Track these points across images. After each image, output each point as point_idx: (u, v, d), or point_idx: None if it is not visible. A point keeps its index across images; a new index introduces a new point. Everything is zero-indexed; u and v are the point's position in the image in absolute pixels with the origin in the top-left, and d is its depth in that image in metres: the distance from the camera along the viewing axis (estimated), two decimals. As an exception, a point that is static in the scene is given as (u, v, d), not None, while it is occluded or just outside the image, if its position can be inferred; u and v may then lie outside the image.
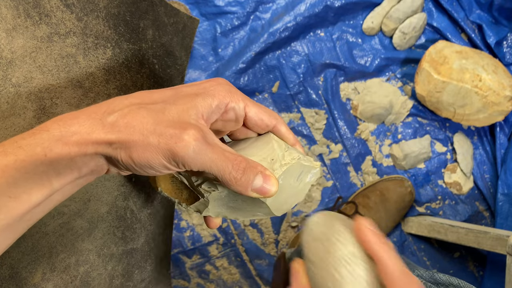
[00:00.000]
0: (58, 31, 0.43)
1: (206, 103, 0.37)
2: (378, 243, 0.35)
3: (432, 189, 1.09)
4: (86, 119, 0.33)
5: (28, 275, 0.44)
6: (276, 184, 0.38)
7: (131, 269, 0.58)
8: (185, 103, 0.36)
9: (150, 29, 0.53)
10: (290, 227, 1.10)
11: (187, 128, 0.33)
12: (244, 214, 0.44)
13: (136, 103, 0.35)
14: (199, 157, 0.34)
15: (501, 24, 1.01)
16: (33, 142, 0.31)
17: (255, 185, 0.37)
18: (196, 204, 0.43)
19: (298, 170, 0.42)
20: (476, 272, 1.13)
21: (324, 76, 1.03)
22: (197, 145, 0.33)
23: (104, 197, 0.52)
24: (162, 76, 0.56)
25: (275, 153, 0.41)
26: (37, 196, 0.31)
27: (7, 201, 0.30)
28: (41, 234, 0.45)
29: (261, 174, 0.37)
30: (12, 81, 0.40)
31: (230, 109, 0.39)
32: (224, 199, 0.42)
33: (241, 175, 0.36)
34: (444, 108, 0.96)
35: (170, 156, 0.33)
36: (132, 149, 0.33)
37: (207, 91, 0.38)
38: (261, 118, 0.41)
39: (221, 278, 1.12)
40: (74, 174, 0.33)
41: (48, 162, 0.31)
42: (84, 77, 0.46)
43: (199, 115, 0.36)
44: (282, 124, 0.43)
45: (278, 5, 0.99)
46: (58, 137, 0.31)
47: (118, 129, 0.33)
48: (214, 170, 0.35)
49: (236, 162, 0.35)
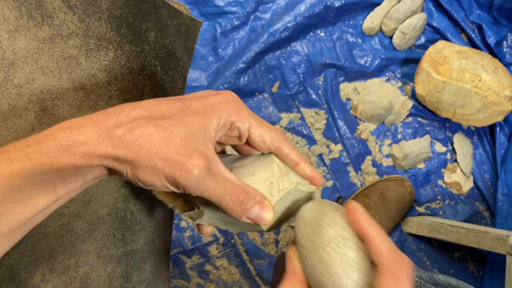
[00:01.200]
0: (60, 33, 0.43)
1: (214, 124, 0.37)
2: (368, 223, 0.36)
3: (432, 189, 1.09)
4: (93, 129, 0.33)
5: (27, 276, 0.44)
6: (272, 214, 0.39)
7: (130, 270, 0.58)
8: (193, 124, 0.36)
9: (152, 31, 0.53)
10: (290, 227, 1.10)
11: (193, 156, 0.34)
12: (237, 228, 0.45)
13: (144, 116, 0.35)
14: (200, 187, 0.35)
15: (501, 24, 1.01)
16: (39, 150, 0.31)
17: (251, 215, 0.38)
18: (191, 213, 0.44)
19: (295, 195, 0.43)
20: (476, 272, 1.13)
21: (324, 76, 1.03)
22: (200, 176, 0.34)
23: (104, 199, 0.52)
24: (164, 78, 0.56)
25: (274, 177, 0.42)
26: (42, 202, 0.31)
27: (12, 207, 0.30)
28: (41, 235, 0.45)
29: (258, 205, 0.38)
30: (13, 82, 0.40)
31: (235, 127, 0.40)
32: (219, 215, 0.43)
33: (238, 206, 0.37)
34: (444, 108, 0.96)
35: (174, 181, 0.34)
36: (138, 168, 0.34)
37: (215, 108, 0.38)
38: (264, 141, 0.42)
39: (221, 278, 1.12)
40: (80, 182, 0.34)
41: (54, 171, 0.31)
42: (86, 79, 0.46)
43: (207, 139, 0.37)
44: (285, 145, 0.43)
45: (278, 5, 0.99)
46: (65, 147, 0.32)
47: (125, 145, 0.33)
48: (212, 199, 0.36)
49: (235, 194, 0.37)
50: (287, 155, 0.43)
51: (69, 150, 0.32)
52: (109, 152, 0.33)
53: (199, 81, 1.00)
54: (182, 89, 0.61)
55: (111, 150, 0.33)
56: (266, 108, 1.04)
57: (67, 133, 0.32)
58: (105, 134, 0.33)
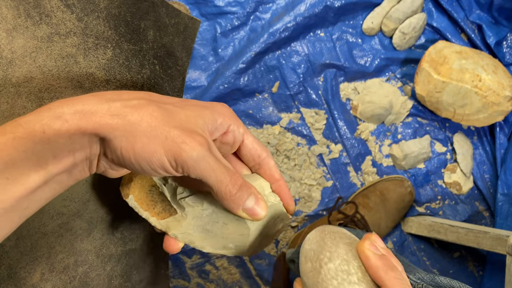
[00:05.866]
0: (58, 31, 0.43)
1: (213, 116, 0.37)
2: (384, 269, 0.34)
3: (432, 189, 1.09)
4: (91, 98, 0.32)
5: (26, 275, 0.44)
6: (266, 209, 0.39)
7: (129, 269, 0.58)
8: (193, 110, 0.36)
9: (151, 30, 0.53)
10: (290, 227, 1.10)
11: (193, 134, 0.34)
12: (215, 243, 0.43)
13: (146, 98, 0.35)
14: (201, 163, 0.34)
15: (501, 24, 1.01)
16: (33, 119, 0.30)
17: (247, 205, 0.38)
18: (169, 220, 0.42)
19: (276, 213, 0.43)
20: (476, 272, 1.13)
21: (324, 76, 1.03)
22: (202, 151, 0.33)
23: (103, 198, 0.52)
24: (163, 77, 0.56)
25: (261, 191, 0.42)
26: (34, 179, 0.30)
27: (5, 183, 0.29)
28: (40, 235, 0.45)
29: (254, 195, 0.38)
30: (12, 81, 0.40)
31: (231, 132, 0.40)
32: (204, 219, 0.41)
33: (236, 190, 0.36)
34: (444, 108, 0.96)
35: (173, 155, 0.33)
36: (137, 138, 0.32)
37: (214, 107, 0.39)
38: (255, 148, 0.43)
39: (221, 278, 1.11)
40: (70, 159, 0.32)
41: (46, 140, 0.30)
42: (84, 78, 0.46)
43: (205, 126, 0.36)
44: (272, 160, 0.44)
45: (278, 5, 0.99)
46: (59, 114, 0.31)
47: (124, 115, 0.32)
48: (212, 179, 0.35)
49: (234, 177, 0.36)
50: (271, 168, 0.44)
51: (63, 117, 0.31)
52: (106, 121, 0.31)
53: (199, 81, 1.00)
54: (181, 88, 0.61)
55: (108, 119, 0.31)
56: (266, 108, 1.04)
57: (63, 103, 0.31)
58: (104, 104, 0.32)
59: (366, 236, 0.37)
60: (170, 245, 0.42)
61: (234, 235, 0.42)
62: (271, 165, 0.44)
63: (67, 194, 0.47)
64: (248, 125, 1.04)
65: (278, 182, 0.44)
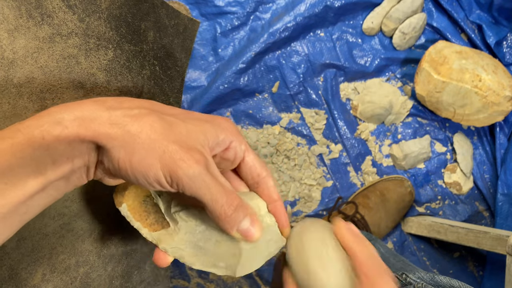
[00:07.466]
0: (60, 32, 0.43)
1: (215, 132, 0.37)
2: (351, 239, 0.39)
3: (432, 189, 1.09)
4: (91, 105, 0.32)
5: (28, 276, 0.44)
6: (261, 231, 0.38)
7: (130, 270, 0.58)
8: (195, 124, 0.35)
9: (151, 31, 0.53)
10: (290, 227, 1.10)
11: (192, 151, 0.33)
12: (205, 261, 0.42)
13: (147, 107, 0.34)
14: (197, 181, 0.33)
15: (501, 24, 1.01)
16: (32, 124, 0.30)
17: (242, 226, 0.37)
18: (161, 233, 0.41)
19: (270, 235, 0.43)
20: (476, 272, 1.13)
21: (324, 76, 1.03)
22: (198, 169, 0.33)
23: (104, 199, 0.52)
24: (163, 78, 0.56)
25: (258, 210, 0.41)
26: (32, 185, 0.30)
27: (4, 189, 0.29)
28: (42, 235, 0.45)
29: (250, 217, 0.37)
30: (13, 82, 0.40)
31: (232, 148, 0.39)
32: (197, 235, 0.41)
33: (232, 212, 0.35)
34: (444, 108, 0.96)
35: (169, 171, 0.32)
36: (135, 150, 0.32)
37: (217, 122, 0.38)
38: (256, 166, 0.42)
39: (221, 278, 1.12)
40: (68, 165, 0.32)
41: (45, 146, 0.30)
42: (85, 78, 0.46)
43: (205, 142, 0.35)
44: (271, 178, 0.43)
45: (278, 5, 0.99)
46: (59, 120, 0.30)
47: (124, 125, 0.31)
48: (207, 197, 0.34)
49: (231, 197, 0.35)
50: (269, 188, 0.43)
51: (63, 123, 0.30)
52: (105, 130, 0.31)
53: (199, 81, 1.00)
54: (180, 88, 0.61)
55: (108, 128, 0.31)
56: (266, 108, 1.04)
57: (62, 108, 0.31)
58: (104, 112, 0.32)
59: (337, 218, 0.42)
60: (160, 258, 0.41)
61: (226, 255, 0.41)
62: (269, 185, 0.43)
63: (68, 195, 0.47)
64: (248, 125, 1.04)
65: (276, 203, 0.43)
